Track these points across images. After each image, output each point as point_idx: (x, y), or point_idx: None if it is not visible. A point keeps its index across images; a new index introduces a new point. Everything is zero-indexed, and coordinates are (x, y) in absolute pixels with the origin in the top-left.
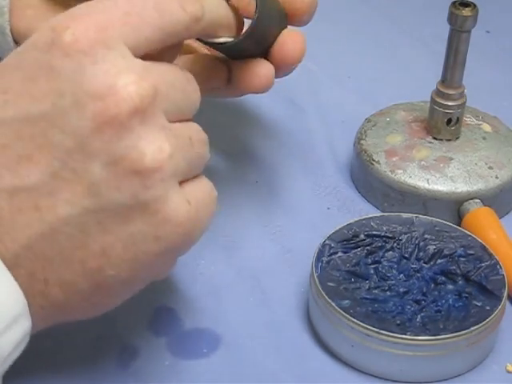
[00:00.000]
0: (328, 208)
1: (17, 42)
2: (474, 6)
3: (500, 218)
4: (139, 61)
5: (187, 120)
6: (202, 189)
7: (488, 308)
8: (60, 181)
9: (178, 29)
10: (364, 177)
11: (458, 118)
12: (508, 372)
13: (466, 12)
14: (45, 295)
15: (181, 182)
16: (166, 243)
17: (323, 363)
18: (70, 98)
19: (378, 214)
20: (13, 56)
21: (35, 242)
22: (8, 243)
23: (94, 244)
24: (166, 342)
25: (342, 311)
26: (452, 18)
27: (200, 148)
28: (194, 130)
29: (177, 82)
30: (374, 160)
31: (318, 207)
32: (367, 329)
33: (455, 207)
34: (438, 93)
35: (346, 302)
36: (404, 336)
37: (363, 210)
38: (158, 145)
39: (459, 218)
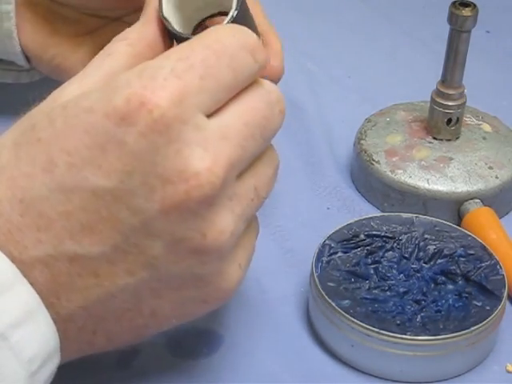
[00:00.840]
0: (328, 208)
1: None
2: (474, 6)
3: (500, 218)
4: (213, 129)
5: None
6: (252, 241)
7: (488, 308)
8: (121, 252)
9: (248, 82)
10: (364, 177)
11: (457, 118)
12: (508, 372)
13: (466, 12)
14: (91, 343)
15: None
16: (213, 305)
17: (323, 363)
18: (139, 177)
19: (378, 214)
20: (81, 115)
21: (91, 303)
22: (64, 302)
23: (145, 306)
24: (165, 342)
25: (341, 311)
26: (452, 18)
27: (264, 196)
28: (262, 178)
29: (249, 143)
30: (373, 160)
31: (318, 207)
32: (367, 329)
33: (455, 207)
34: (438, 93)
35: (346, 301)
36: (404, 336)
37: (363, 210)
38: (220, 227)
39: (459, 217)
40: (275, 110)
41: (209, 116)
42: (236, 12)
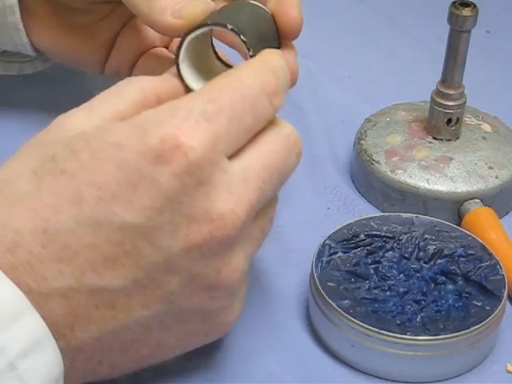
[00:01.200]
0: (328, 208)
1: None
2: (474, 6)
3: (500, 218)
4: (236, 172)
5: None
6: (249, 277)
7: (488, 308)
8: (140, 286)
9: (263, 125)
10: (364, 177)
11: (457, 118)
12: (508, 372)
13: (466, 12)
14: (95, 372)
15: None
16: (213, 338)
17: (323, 363)
18: (167, 215)
19: (378, 214)
20: (110, 150)
21: (103, 335)
22: (78, 333)
23: (152, 338)
24: None
25: (342, 311)
26: (452, 18)
27: (266, 236)
28: (267, 219)
29: (267, 186)
30: (373, 160)
31: (318, 207)
32: (367, 329)
33: (455, 207)
34: (437, 93)
35: (346, 301)
36: (404, 336)
37: (363, 210)
38: (235, 266)
39: (459, 218)
40: (292, 153)
41: (230, 158)
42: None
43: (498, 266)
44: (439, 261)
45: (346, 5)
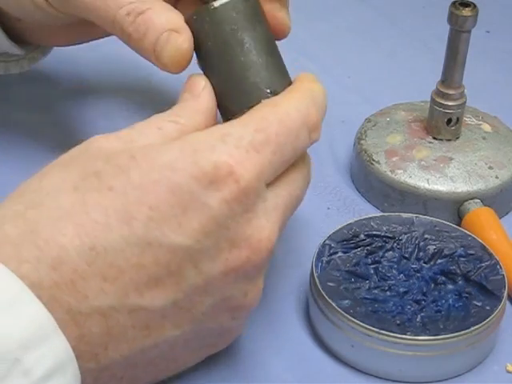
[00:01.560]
0: (328, 208)
1: None
2: (474, 6)
3: (500, 218)
4: (270, 199)
5: None
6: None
7: (488, 308)
8: (176, 307)
9: (298, 156)
10: (364, 177)
11: (457, 118)
12: (508, 372)
13: (466, 12)
14: None
15: None
16: (218, 349)
17: (323, 363)
18: (213, 240)
19: (378, 214)
20: (162, 172)
21: (134, 354)
22: (110, 352)
23: (172, 354)
24: None
25: (342, 311)
26: (452, 18)
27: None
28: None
29: (288, 213)
30: (373, 160)
31: (318, 207)
32: (367, 329)
33: (455, 207)
34: (438, 93)
35: (346, 302)
36: (404, 336)
37: (363, 210)
38: (259, 289)
39: (459, 218)
40: (306, 187)
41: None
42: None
43: (498, 266)
44: (439, 261)
45: (345, 5)
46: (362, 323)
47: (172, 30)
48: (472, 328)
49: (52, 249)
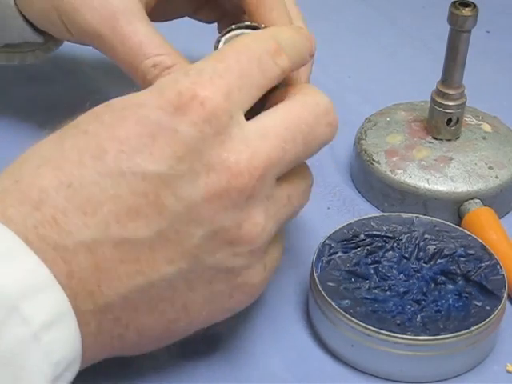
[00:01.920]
0: (328, 208)
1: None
2: (474, 6)
3: (500, 218)
4: (253, 129)
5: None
6: (279, 249)
7: (488, 308)
8: (163, 239)
9: (272, 83)
10: (364, 177)
11: (458, 118)
12: (508, 372)
13: (466, 12)
14: (122, 338)
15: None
16: (237, 302)
17: (323, 363)
18: (187, 164)
19: (378, 214)
20: (130, 109)
21: (130, 292)
22: (105, 289)
23: (178, 299)
24: None
25: (342, 311)
26: (452, 18)
27: (297, 206)
28: (296, 188)
29: (290, 146)
30: (374, 160)
31: (317, 207)
32: (367, 329)
33: (455, 207)
34: (438, 93)
35: (346, 301)
36: (404, 336)
37: (363, 210)
38: (255, 220)
39: (459, 218)
40: (322, 121)
41: (247, 119)
42: None
43: (498, 266)
44: (439, 261)
45: (346, 5)
46: (361, 323)
47: None
48: (472, 328)
49: (33, 192)
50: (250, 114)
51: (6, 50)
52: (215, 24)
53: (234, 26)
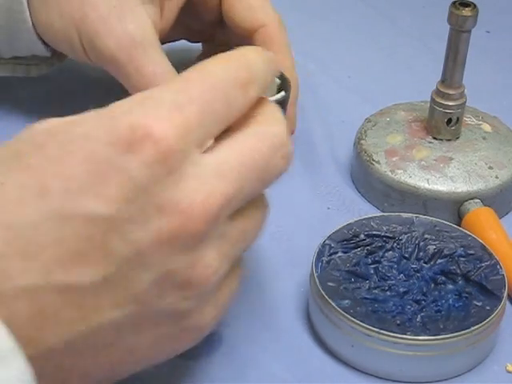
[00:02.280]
0: (328, 208)
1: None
2: (474, 6)
3: (500, 218)
4: (209, 166)
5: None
6: (234, 280)
7: (488, 308)
8: (109, 284)
9: (238, 115)
10: (364, 177)
11: (457, 118)
12: (508, 372)
13: (466, 12)
14: (65, 381)
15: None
16: (187, 343)
17: (323, 363)
18: (136, 206)
19: (378, 214)
20: (77, 142)
21: (74, 338)
22: (47, 336)
23: (123, 343)
24: None
25: (342, 311)
26: (452, 18)
27: (251, 240)
28: (251, 221)
29: (245, 183)
30: (373, 160)
31: (318, 207)
32: (368, 329)
33: (455, 207)
34: (438, 93)
35: (346, 301)
36: (404, 336)
37: (363, 210)
38: (206, 263)
39: (459, 218)
40: (277, 153)
41: (204, 152)
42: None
43: (498, 266)
44: (439, 261)
45: (345, 4)
46: (362, 323)
47: None
48: (472, 328)
49: None
50: None
51: (12, 62)
52: None
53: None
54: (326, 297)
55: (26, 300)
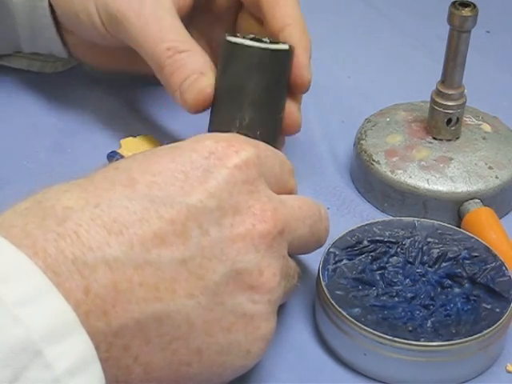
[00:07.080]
0: (328, 208)
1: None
2: (474, 6)
3: (500, 218)
4: (275, 195)
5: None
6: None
7: (498, 310)
8: (185, 270)
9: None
10: (364, 177)
11: (457, 118)
12: (508, 372)
13: (466, 12)
14: (128, 371)
15: None
16: (253, 358)
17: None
18: (216, 201)
19: (380, 219)
20: (164, 149)
21: (145, 318)
22: (119, 311)
23: (193, 340)
24: None
25: (353, 320)
26: (452, 18)
27: (294, 283)
28: (296, 271)
29: (301, 223)
30: (373, 160)
31: None
32: (380, 336)
33: (455, 207)
34: (438, 93)
35: (356, 310)
36: (418, 342)
37: (363, 211)
38: (273, 271)
39: (459, 218)
40: (324, 222)
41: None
42: None
43: (504, 268)
44: (444, 264)
45: (345, 5)
46: (374, 331)
47: (202, 74)
48: (484, 331)
49: (57, 210)
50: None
51: (30, 57)
52: None
53: (238, 35)
54: (336, 306)
55: (105, 271)
